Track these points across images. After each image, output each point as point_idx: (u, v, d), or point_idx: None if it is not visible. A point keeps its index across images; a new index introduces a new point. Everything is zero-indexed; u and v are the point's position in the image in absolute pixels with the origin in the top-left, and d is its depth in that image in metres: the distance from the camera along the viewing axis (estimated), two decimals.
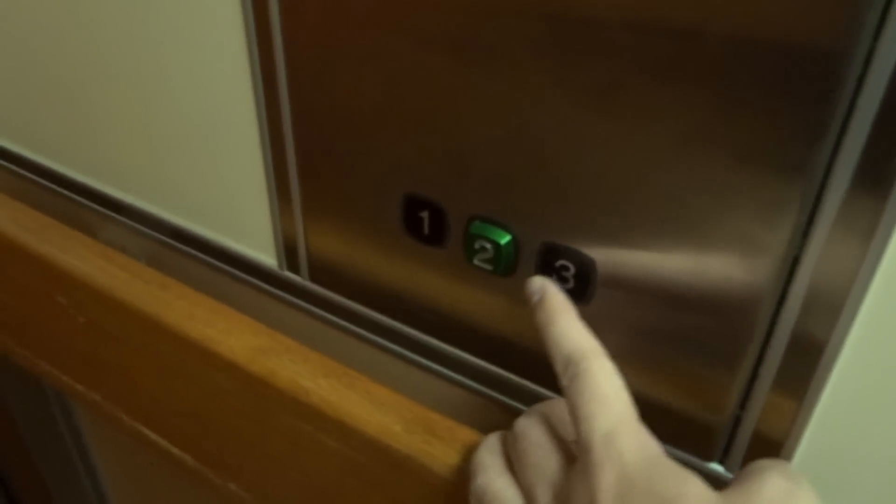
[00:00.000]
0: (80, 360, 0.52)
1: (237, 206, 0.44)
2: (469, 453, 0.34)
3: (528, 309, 0.31)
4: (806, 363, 0.28)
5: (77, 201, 0.53)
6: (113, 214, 0.52)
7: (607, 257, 0.30)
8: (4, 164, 0.57)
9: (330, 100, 0.35)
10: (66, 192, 0.54)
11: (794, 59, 0.23)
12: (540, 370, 0.35)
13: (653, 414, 0.29)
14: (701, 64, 0.24)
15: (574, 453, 0.28)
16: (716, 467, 0.32)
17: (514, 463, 0.30)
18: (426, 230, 0.35)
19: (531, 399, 0.36)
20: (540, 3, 0.26)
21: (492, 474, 0.30)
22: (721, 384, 0.30)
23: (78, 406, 0.77)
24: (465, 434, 0.36)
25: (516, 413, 0.34)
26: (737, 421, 0.30)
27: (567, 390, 0.27)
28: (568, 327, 0.28)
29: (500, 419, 0.38)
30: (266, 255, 0.44)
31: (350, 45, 0.32)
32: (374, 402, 0.37)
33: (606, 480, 0.25)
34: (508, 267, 0.33)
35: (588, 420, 0.26)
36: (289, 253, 0.42)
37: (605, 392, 0.26)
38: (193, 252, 0.48)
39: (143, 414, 0.51)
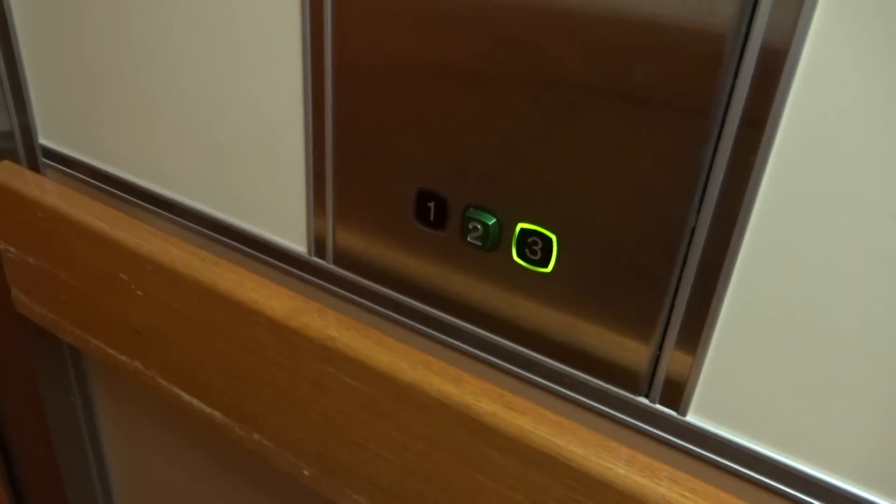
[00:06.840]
0: (131, 331, 0.63)
1: (279, 205, 0.56)
2: (458, 385, 0.46)
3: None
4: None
5: (139, 204, 0.65)
6: (166, 213, 0.63)
7: (564, 234, 0.43)
8: (78, 174, 0.69)
9: (365, 118, 0.47)
10: (130, 196, 0.66)
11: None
12: (518, 333, 0.47)
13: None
14: (619, 101, 0.38)
15: None
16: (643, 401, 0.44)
17: None
18: (432, 217, 0.47)
19: (511, 356, 0.48)
20: (521, 58, 0.40)
21: None
22: (646, 320, 0.42)
23: (93, 374, 0.86)
24: (454, 370, 0.48)
25: (497, 367, 0.46)
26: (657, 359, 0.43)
27: None
28: None
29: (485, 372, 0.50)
30: (298, 244, 0.56)
31: (385, 75, 0.45)
32: (386, 347, 0.49)
33: None
34: (494, 243, 0.45)
35: None
36: (318, 242, 0.54)
37: None
38: (235, 244, 0.60)
39: (181, 377, 0.61)
